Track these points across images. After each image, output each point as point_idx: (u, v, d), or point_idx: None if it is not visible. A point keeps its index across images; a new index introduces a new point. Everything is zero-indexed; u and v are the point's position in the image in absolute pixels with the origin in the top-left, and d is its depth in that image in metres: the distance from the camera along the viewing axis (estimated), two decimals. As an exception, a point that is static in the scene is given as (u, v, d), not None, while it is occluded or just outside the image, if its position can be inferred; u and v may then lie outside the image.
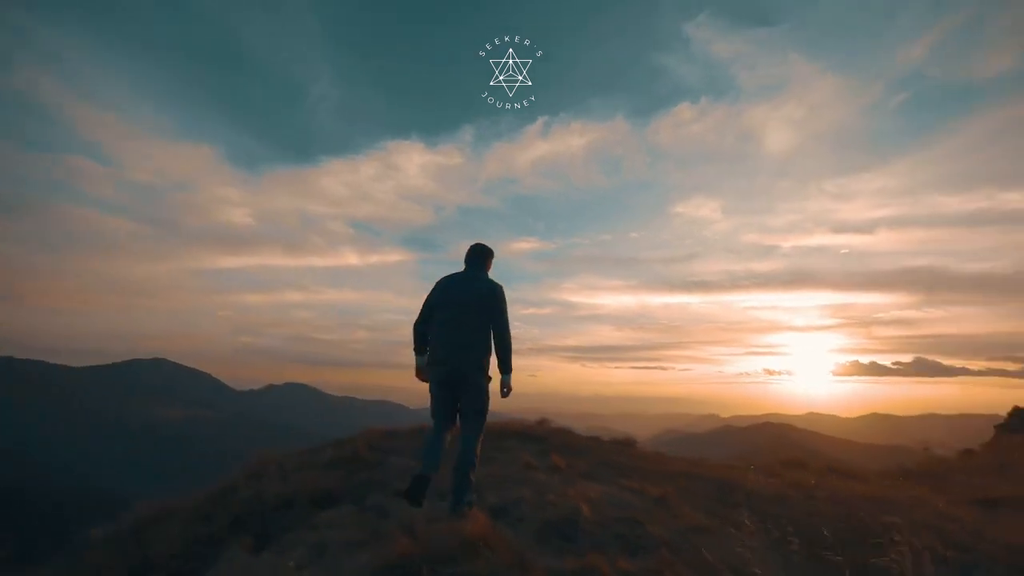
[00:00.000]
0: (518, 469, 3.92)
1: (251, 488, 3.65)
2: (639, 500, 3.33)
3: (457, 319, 3.33)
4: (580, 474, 3.92)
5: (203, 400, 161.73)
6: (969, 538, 3.40)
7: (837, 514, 3.47)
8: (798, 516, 3.36)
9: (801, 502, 3.73)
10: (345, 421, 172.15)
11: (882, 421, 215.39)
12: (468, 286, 3.44)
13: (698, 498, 3.60)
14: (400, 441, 5.07)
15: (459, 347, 3.28)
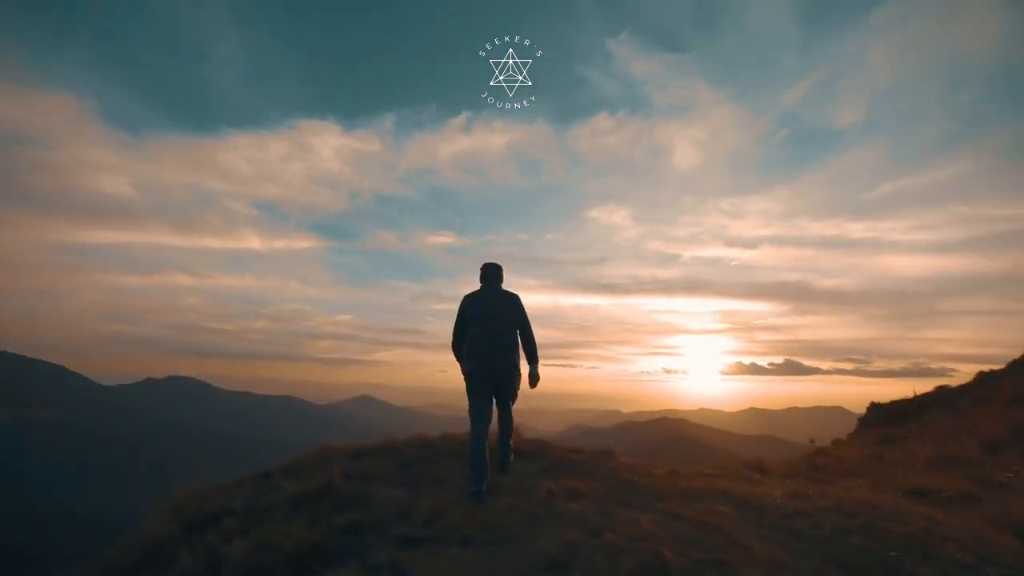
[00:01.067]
0: (541, 498, 3.28)
1: (194, 548, 2.56)
2: (699, 531, 2.88)
3: (496, 328, 4.07)
4: (608, 500, 3.39)
5: (50, 398, 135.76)
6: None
7: (866, 528, 3.31)
8: (831, 535, 3.14)
9: (826, 516, 3.53)
10: (240, 418, 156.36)
11: (758, 415, 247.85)
12: (497, 299, 4.23)
13: (735, 521, 3.25)
14: (372, 461, 4.14)
15: (500, 351, 4.04)
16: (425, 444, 4.61)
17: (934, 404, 12.88)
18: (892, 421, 12.76)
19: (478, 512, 2.94)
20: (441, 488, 3.42)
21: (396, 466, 3.94)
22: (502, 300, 4.21)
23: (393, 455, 4.22)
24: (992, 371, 13.78)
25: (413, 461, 4.10)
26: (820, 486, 5.22)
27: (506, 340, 4.06)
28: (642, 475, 4.43)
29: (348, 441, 4.56)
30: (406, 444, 4.53)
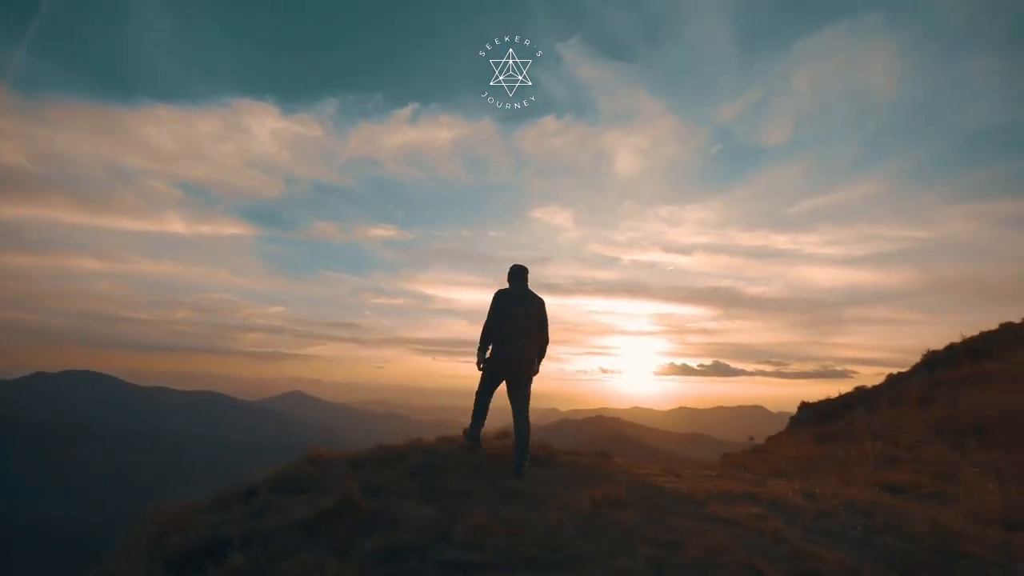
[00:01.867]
0: (586, 508, 2.98)
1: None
2: (759, 538, 2.73)
3: (523, 325, 4.46)
4: (649, 507, 3.16)
5: None
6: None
7: (890, 527, 3.34)
8: (864, 536, 3.13)
9: (850, 517, 3.53)
10: (155, 415, 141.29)
11: (688, 413, 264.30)
12: (528, 299, 4.61)
13: (783, 524, 3.14)
14: (376, 471, 3.58)
15: (524, 347, 4.44)
16: (429, 450, 4.15)
17: (855, 404, 14.06)
18: (820, 419, 13.76)
19: (526, 529, 2.60)
20: (469, 501, 3.02)
21: (405, 476, 3.45)
22: (535, 301, 4.62)
23: (397, 463, 3.72)
24: (900, 373, 15.29)
25: (423, 470, 3.63)
26: (806, 483, 5.34)
27: (531, 338, 4.49)
28: (656, 476, 4.27)
29: (278, 439, 4.02)
30: (407, 450, 4.04)
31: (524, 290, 4.64)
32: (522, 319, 4.43)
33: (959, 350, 14.49)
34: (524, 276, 4.73)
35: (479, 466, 3.89)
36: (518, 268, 4.75)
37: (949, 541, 3.17)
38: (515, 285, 4.67)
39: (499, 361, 4.43)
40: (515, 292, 4.61)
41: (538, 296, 4.67)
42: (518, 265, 4.78)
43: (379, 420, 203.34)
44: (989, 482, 4.76)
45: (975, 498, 4.54)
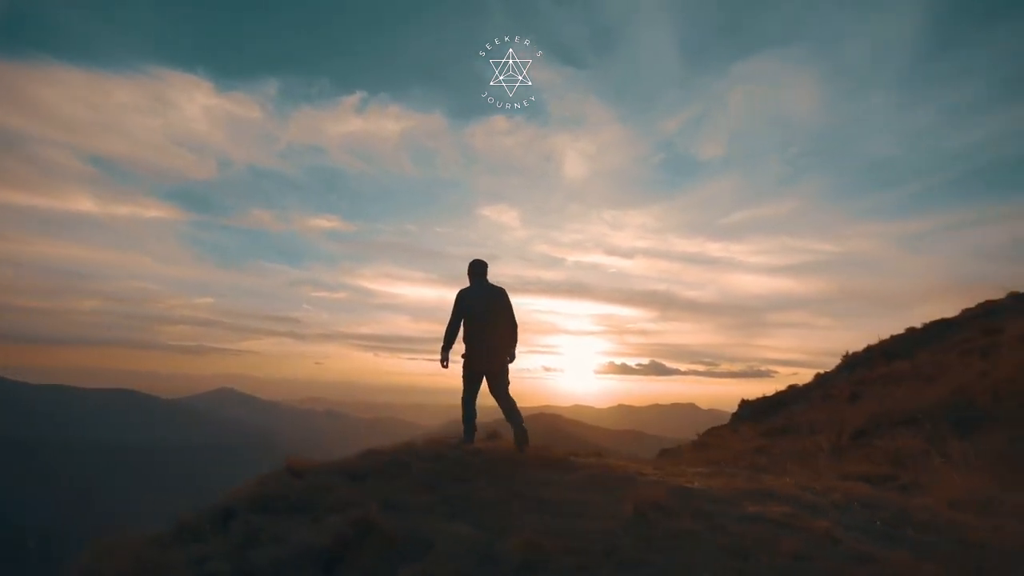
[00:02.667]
0: (631, 516, 2.69)
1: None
2: (821, 540, 2.57)
3: (493, 323, 4.51)
4: (693, 510, 2.93)
5: None
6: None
7: (903, 522, 3.36)
8: (890, 531, 3.11)
9: (865, 512, 3.52)
10: (47, 418, 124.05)
11: (625, 411, 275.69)
12: (491, 295, 4.60)
13: (829, 523, 3.02)
14: (382, 483, 3.07)
15: (497, 346, 4.51)
16: (436, 457, 3.67)
17: (790, 401, 15.01)
18: (760, 416, 14.57)
19: (581, 543, 2.27)
20: (499, 514, 2.63)
21: (416, 488, 2.99)
22: (498, 296, 4.60)
23: (400, 473, 3.24)
24: (825, 372, 16.52)
25: (434, 479, 3.17)
26: (792, 477, 5.40)
27: (499, 331, 4.53)
28: (673, 477, 4.08)
29: (207, 439, 3.45)
30: (408, 457, 3.55)
31: (486, 286, 4.64)
32: (490, 316, 4.48)
33: (875, 352, 15.89)
34: (484, 272, 4.71)
35: (492, 472, 3.49)
36: (479, 264, 4.70)
37: (959, 531, 3.22)
38: (476, 282, 4.65)
39: (475, 363, 4.51)
40: (477, 289, 4.60)
41: (499, 287, 4.67)
42: (478, 261, 4.72)
43: (318, 419, 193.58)
44: (951, 469, 5.04)
45: (941, 486, 4.77)
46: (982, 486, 4.63)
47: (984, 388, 8.79)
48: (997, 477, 4.98)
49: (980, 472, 4.97)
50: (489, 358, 4.50)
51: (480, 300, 4.54)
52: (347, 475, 3.16)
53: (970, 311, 15.60)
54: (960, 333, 13.69)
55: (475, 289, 4.63)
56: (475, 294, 4.58)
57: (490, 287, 4.66)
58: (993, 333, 12.02)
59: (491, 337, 4.49)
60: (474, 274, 4.69)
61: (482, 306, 4.50)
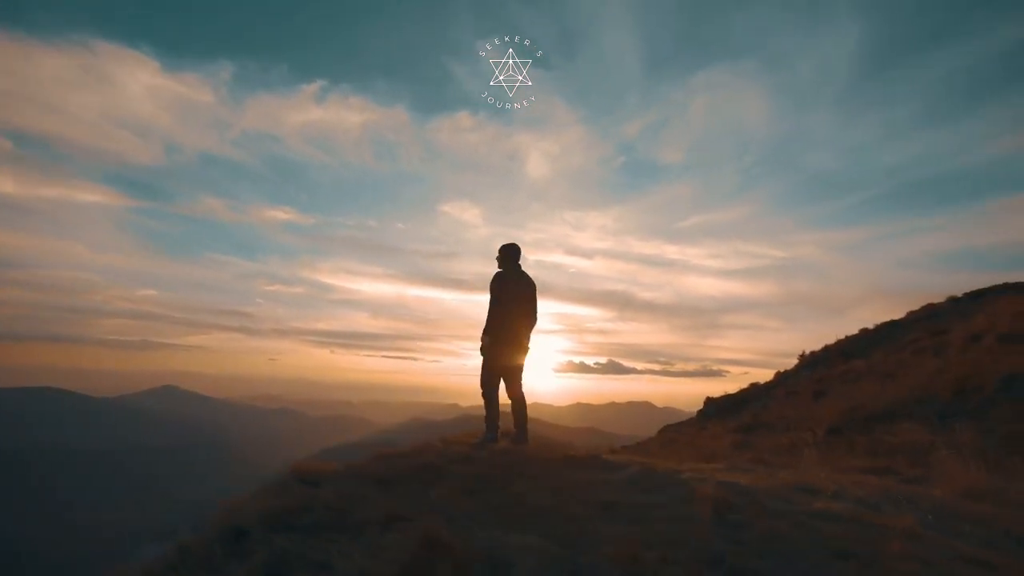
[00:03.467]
0: (709, 517, 2.38)
1: None
2: (911, 539, 2.36)
3: (526, 313, 4.35)
4: (769, 510, 2.66)
5: None
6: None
7: (952, 517, 3.26)
8: (950, 528, 2.99)
9: (911, 508, 3.40)
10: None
11: (583, 409, 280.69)
12: (527, 283, 4.42)
13: (872, 512, 2.84)
14: (412, 488, 2.63)
15: (525, 338, 4.36)
16: (464, 459, 3.23)
17: (752, 398, 15.45)
18: (725, 413, 14.91)
19: (677, 552, 1.95)
20: (565, 521, 2.26)
21: (457, 494, 2.56)
22: (530, 284, 4.41)
23: (434, 478, 2.79)
24: (786, 371, 17.17)
25: (472, 484, 2.75)
26: (812, 472, 5.30)
27: (528, 322, 4.36)
28: (713, 473, 3.82)
29: (151, 439, 2.91)
30: (434, 459, 3.10)
31: (521, 272, 4.45)
32: (525, 305, 4.33)
33: (832, 351, 16.66)
34: (520, 256, 4.52)
35: (529, 474, 3.11)
36: (515, 248, 4.48)
37: (1004, 527, 3.14)
38: (513, 267, 4.43)
39: (506, 355, 4.27)
40: (515, 275, 4.41)
41: (531, 277, 4.51)
42: (515, 245, 4.51)
43: (270, 417, 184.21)
44: (950, 461, 5.09)
45: (947, 477, 4.80)
46: (985, 477, 4.69)
47: (945, 384, 9.20)
48: (986, 468, 5.10)
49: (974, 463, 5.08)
50: (519, 351, 4.31)
51: (519, 287, 4.33)
52: (371, 482, 2.67)
53: (915, 313, 16.66)
54: (909, 334, 14.54)
55: (513, 274, 4.39)
56: (515, 279, 4.36)
57: (525, 275, 4.45)
58: (940, 334, 12.79)
59: (522, 328, 4.31)
60: (511, 258, 4.43)
61: (521, 294, 4.30)
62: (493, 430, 4.25)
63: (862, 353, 15.18)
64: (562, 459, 3.47)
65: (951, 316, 14.56)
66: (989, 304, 13.88)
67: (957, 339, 11.49)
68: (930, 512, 3.36)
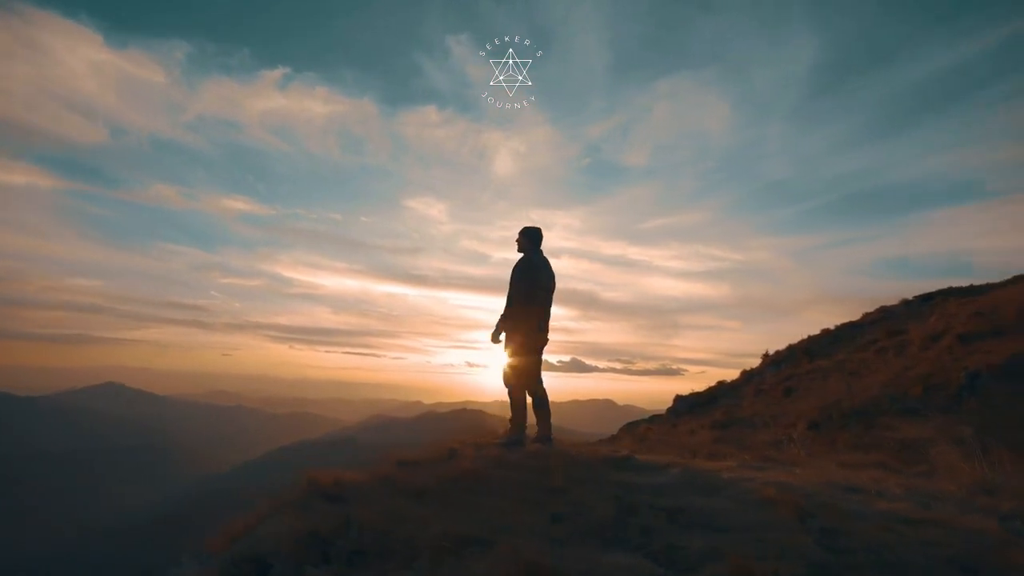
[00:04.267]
0: (800, 522, 2.12)
1: None
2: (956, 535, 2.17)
3: (550, 299, 4.11)
4: (841, 513, 2.43)
5: None
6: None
7: (986, 513, 3.18)
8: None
9: (943, 507, 3.31)
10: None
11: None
12: (552, 270, 4.17)
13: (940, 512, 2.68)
14: (463, 498, 2.23)
15: (547, 323, 4.09)
16: (501, 462, 2.84)
17: (720, 396, 15.78)
18: (696, 410, 15.15)
19: (795, 569, 1.67)
20: (643, 532, 1.93)
21: (513, 504, 2.18)
22: (552, 271, 4.17)
23: (479, 486, 2.39)
24: (752, 369, 17.65)
25: (522, 492, 2.38)
26: (822, 469, 5.23)
27: (548, 311, 4.11)
28: (753, 472, 3.61)
29: (89, 441, 2.41)
30: (472, 463, 2.70)
31: (546, 259, 4.21)
32: (550, 294, 4.12)
33: (797, 350, 17.26)
34: (542, 241, 4.31)
35: (576, 477, 2.77)
36: (540, 232, 4.23)
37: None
38: (538, 251, 4.19)
39: (540, 346, 4.00)
40: (542, 260, 4.17)
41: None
42: (540, 228, 4.26)
43: (224, 414, 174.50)
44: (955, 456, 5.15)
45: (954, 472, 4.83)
46: (988, 471, 4.74)
47: (914, 382, 9.55)
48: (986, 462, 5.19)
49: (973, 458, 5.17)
50: (543, 343, 4.03)
51: (547, 274, 4.07)
52: (408, 495, 2.25)
53: (870, 315, 17.53)
54: (867, 335, 15.23)
55: (542, 259, 4.13)
56: (543, 266, 4.09)
57: (548, 261, 4.20)
58: (898, 334, 13.43)
59: (546, 319, 4.05)
60: (536, 242, 4.16)
61: (548, 282, 4.06)
62: (520, 431, 3.94)
63: (825, 352, 15.75)
64: (601, 459, 3.15)
65: (905, 318, 15.36)
66: (939, 306, 14.73)
67: (916, 339, 12.05)
68: (1006, 515, 3.25)
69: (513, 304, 3.89)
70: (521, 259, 4.05)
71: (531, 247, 4.12)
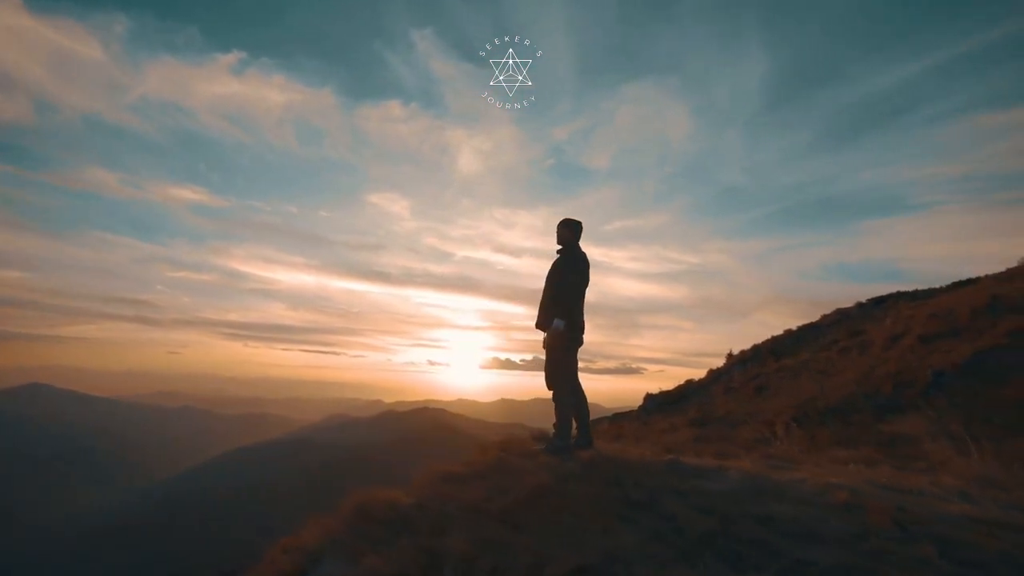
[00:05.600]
0: (897, 529, 1.94)
1: None
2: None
3: (585, 293, 3.98)
4: (920, 517, 2.28)
5: None
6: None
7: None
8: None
9: (982, 501, 3.30)
10: None
11: (508, 404, 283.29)
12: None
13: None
14: (541, 513, 1.89)
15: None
16: (566, 473, 2.51)
17: (690, 394, 16.14)
18: (667, 408, 15.40)
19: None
20: (756, 547, 1.70)
21: (604, 521, 1.87)
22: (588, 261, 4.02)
23: (555, 501, 2.06)
24: (719, 368, 18.16)
25: (608, 506, 2.08)
26: (824, 469, 5.23)
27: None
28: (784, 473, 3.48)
29: (6, 447, 1.93)
30: (545, 476, 2.36)
31: (584, 252, 4.04)
32: (586, 289, 3.96)
33: (762, 350, 17.90)
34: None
35: (651, 485, 2.50)
36: (582, 225, 4.03)
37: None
38: (577, 245, 4.01)
39: (580, 332, 3.84)
40: (582, 253, 3.99)
41: None
42: (580, 221, 4.06)
43: (169, 416, 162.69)
44: (948, 451, 5.29)
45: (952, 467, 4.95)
46: (984, 464, 4.89)
47: (883, 380, 9.99)
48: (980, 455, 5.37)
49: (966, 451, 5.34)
50: (582, 338, 3.87)
51: (587, 268, 3.88)
52: (490, 518, 1.89)
53: (828, 317, 18.45)
54: (829, 335, 15.98)
55: (581, 253, 3.94)
56: (585, 259, 3.91)
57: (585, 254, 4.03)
58: (858, 335, 14.15)
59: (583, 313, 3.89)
60: (577, 235, 3.97)
61: (588, 277, 3.89)
62: (567, 437, 3.60)
63: (789, 352, 16.39)
64: (665, 464, 2.91)
65: (862, 319, 16.25)
66: (892, 309, 15.66)
67: (877, 339, 12.69)
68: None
69: (559, 298, 3.55)
70: (564, 252, 3.83)
71: (573, 239, 3.92)
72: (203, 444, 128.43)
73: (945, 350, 9.71)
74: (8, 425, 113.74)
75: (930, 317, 11.34)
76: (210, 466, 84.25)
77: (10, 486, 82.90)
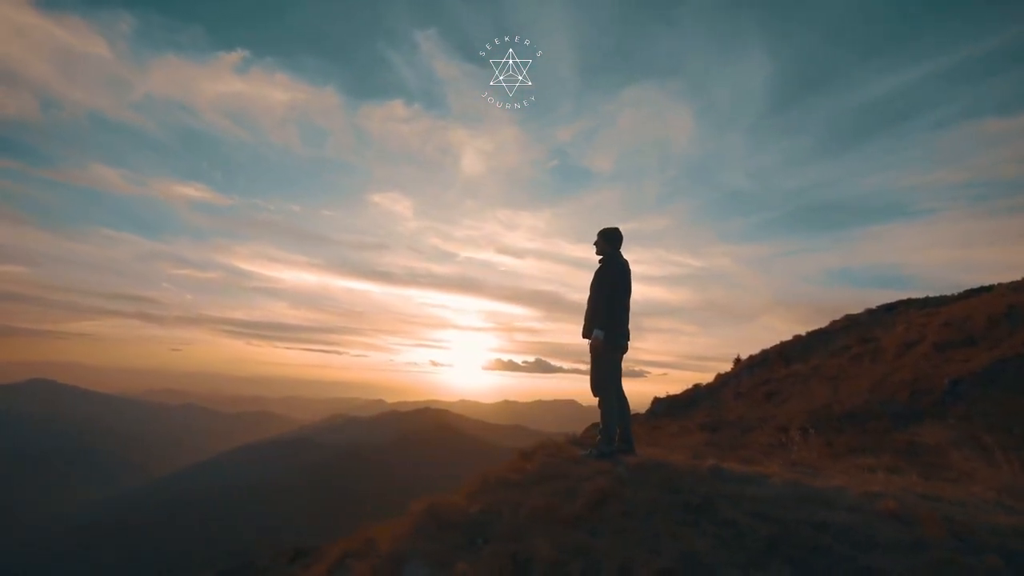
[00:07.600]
0: (933, 542, 1.96)
1: None
2: None
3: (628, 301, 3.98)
4: (968, 527, 2.30)
5: None
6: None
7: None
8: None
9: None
10: None
11: (510, 406, 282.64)
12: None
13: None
14: (635, 524, 1.92)
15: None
16: (621, 479, 2.53)
17: (699, 399, 16.11)
18: (676, 412, 15.37)
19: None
20: (823, 555, 1.73)
21: (671, 527, 1.90)
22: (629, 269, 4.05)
23: (617, 507, 2.09)
24: (728, 372, 18.12)
25: (671, 512, 2.10)
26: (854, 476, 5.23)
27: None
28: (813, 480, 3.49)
29: (10, 443, 1.97)
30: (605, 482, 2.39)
31: (625, 260, 4.08)
32: (628, 297, 3.98)
33: (772, 355, 17.87)
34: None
35: (703, 491, 2.52)
36: (621, 234, 4.09)
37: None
38: (619, 253, 4.06)
39: (624, 340, 3.87)
40: (624, 261, 4.04)
41: None
42: (619, 229, 4.12)
43: (171, 413, 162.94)
44: (975, 460, 5.29)
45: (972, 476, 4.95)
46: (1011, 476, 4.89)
47: (900, 387, 9.95)
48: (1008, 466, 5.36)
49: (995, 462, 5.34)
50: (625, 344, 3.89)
51: (629, 274, 3.95)
52: (564, 526, 1.91)
53: (837, 323, 18.42)
54: (839, 341, 15.93)
55: (622, 260, 4.01)
56: (627, 268, 3.98)
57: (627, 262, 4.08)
58: (869, 341, 14.10)
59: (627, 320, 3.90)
60: (616, 244, 4.05)
61: (629, 284, 3.95)
62: (612, 440, 3.65)
63: (799, 358, 16.33)
64: (708, 470, 2.93)
65: (872, 326, 16.20)
66: (901, 316, 15.61)
67: (890, 346, 12.64)
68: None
69: (599, 308, 3.63)
70: (606, 262, 3.91)
71: (611, 250, 4.00)
72: (204, 442, 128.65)
73: (962, 359, 9.68)
74: (11, 421, 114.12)
75: (944, 325, 11.31)
76: (211, 464, 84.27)
77: (11, 483, 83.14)
